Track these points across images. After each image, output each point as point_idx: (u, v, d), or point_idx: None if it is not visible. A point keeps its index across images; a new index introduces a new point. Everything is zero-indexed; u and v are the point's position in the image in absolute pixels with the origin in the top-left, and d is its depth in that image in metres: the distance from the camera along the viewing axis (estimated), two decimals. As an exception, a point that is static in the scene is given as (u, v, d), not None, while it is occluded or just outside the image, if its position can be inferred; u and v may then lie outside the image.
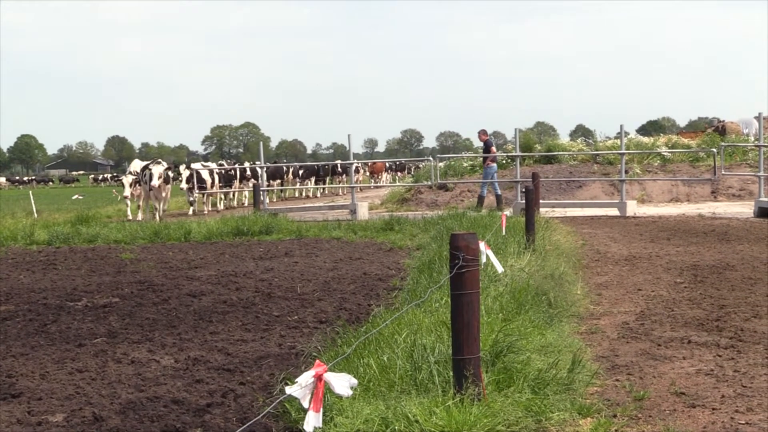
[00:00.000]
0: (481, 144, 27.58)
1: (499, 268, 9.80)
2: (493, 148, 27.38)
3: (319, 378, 4.13)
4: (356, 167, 48.70)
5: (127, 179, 27.74)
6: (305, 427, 4.14)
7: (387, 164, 61.32)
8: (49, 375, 7.35)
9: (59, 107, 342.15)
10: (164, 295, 11.29)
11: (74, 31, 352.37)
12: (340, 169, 46.28)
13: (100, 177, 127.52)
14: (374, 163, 58.07)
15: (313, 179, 44.42)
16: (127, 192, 27.46)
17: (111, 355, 7.98)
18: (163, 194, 27.77)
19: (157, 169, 26.90)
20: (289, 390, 4.10)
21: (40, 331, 9.23)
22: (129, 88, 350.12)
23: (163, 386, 6.85)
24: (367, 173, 55.59)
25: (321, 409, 4.18)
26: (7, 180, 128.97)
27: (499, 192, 26.31)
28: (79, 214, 25.27)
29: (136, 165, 28.70)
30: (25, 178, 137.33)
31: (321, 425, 4.19)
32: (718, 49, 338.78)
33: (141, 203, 28.64)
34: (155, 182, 26.73)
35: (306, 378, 4.08)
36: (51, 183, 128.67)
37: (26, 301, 11.15)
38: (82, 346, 8.42)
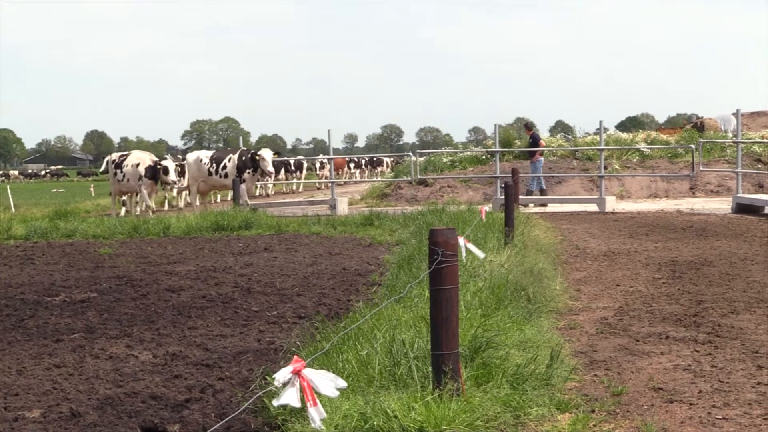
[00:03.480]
0: (528, 138, 27.90)
1: (480, 254, 9.83)
2: (542, 141, 27.66)
3: (297, 373, 4.12)
4: (321, 163, 48.16)
5: (171, 164, 26.06)
6: (312, 425, 4.16)
7: (349, 159, 59.97)
8: (26, 370, 7.31)
9: (38, 102, 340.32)
10: (143, 290, 11.25)
11: (53, 25, 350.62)
12: (293, 167, 45.07)
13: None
14: (338, 159, 57.28)
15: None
16: (174, 177, 25.87)
17: (89, 351, 7.95)
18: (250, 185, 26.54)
19: (269, 154, 25.43)
20: (277, 402, 4.10)
21: (17, 327, 9.18)
22: (108, 82, 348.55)
23: (141, 381, 6.83)
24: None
25: (318, 403, 4.20)
26: (20, 173, 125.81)
27: (544, 186, 26.58)
28: (57, 209, 25.12)
29: (141, 157, 26.77)
30: (42, 172, 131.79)
31: (325, 416, 4.20)
32: (697, 45, 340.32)
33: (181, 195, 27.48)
34: (271, 168, 25.45)
35: (284, 374, 4.08)
36: (66, 176, 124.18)
37: (3, 296, 11.08)
38: (60, 341, 8.38)
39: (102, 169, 29.69)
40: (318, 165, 49.37)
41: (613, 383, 6.53)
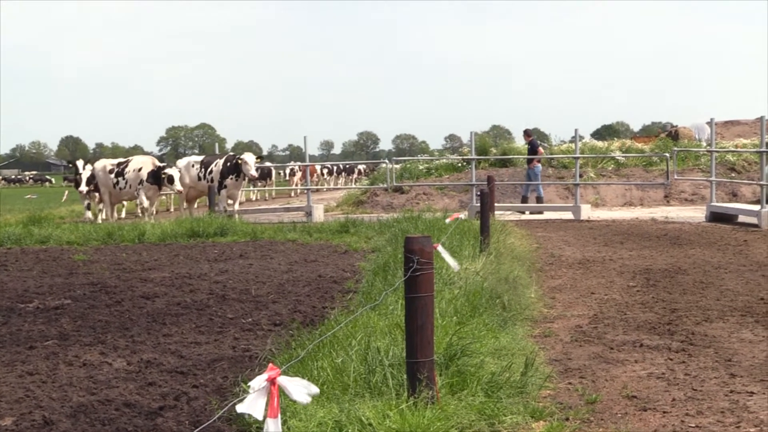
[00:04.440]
0: (526, 144, 28.10)
1: (455, 266, 9.86)
2: (540, 149, 27.71)
3: (272, 381, 4.11)
4: (292, 170, 47.61)
5: (176, 173, 24.98)
6: None
7: (322, 166, 58.92)
8: (-2, 378, 7.26)
9: (12, 107, 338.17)
10: (117, 297, 11.19)
11: (26, 30, 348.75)
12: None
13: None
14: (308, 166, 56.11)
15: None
16: (180, 186, 24.68)
17: (62, 358, 7.90)
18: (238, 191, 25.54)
19: (252, 158, 24.58)
20: (240, 408, 4.07)
21: (-10, 333, 9.12)
22: (83, 87, 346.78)
23: (114, 389, 6.80)
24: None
25: (279, 415, 4.17)
26: (2, 179, 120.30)
27: (542, 193, 26.56)
28: (31, 215, 24.94)
29: (144, 161, 25.69)
30: (27, 177, 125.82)
31: (280, 430, 4.17)
32: (672, 54, 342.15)
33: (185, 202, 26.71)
34: (254, 172, 24.78)
35: (259, 382, 4.06)
36: (51, 182, 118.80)
37: (-24, 303, 11.00)
38: (33, 348, 8.33)
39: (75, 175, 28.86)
40: (288, 172, 48.59)
41: (587, 391, 6.55)
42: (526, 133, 28.19)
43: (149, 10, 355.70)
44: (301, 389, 4.23)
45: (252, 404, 4.08)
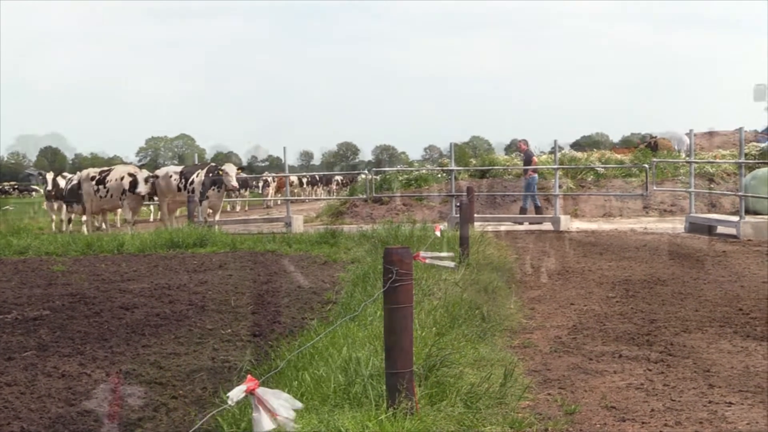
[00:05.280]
0: (521, 154, 27.98)
1: (450, 264, 9.96)
2: (535, 159, 27.64)
3: (251, 392, 4.11)
4: (266, 180, 47.22)
5: (141, 176, 24.65)
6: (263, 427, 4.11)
7: (296, 177, 57.50)
8: (-24, 389, 7.21)
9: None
10: (96, 307, 11.15)
11: (2, 39, 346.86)
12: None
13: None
14: (281, 177, 55.62)
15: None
16: (143, 189, 24.39)
17: (41, 369, 7.86)
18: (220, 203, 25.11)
19: (233, 169, 24.29)
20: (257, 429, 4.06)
21: (-32, 345, 9.06)
22: (62, 98, 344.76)
23: (93, 400, 6.77)
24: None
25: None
26: None
27: (539, 203, 26.47)
28: (9, 226, 24.81)
29: (126, 171, 25.39)
30: (14, 185, 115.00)
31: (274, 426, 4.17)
32: (652, 65, 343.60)
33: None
34: (235, 183, 24.37)
35: (237, 393, 4.06)
36: (37, 191, 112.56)
37: (-46, 314, 10.93)
38: (12, 359, 8.29)
39: (50, 186, 28.41)
40: (261, 183, 47.93)
41: (566, 402, 6.57)
42: (524, 143, 28.10)
43: (128, 20, 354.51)
44: (285, 405, 4.23)
45: (258, 422, 4.07)
